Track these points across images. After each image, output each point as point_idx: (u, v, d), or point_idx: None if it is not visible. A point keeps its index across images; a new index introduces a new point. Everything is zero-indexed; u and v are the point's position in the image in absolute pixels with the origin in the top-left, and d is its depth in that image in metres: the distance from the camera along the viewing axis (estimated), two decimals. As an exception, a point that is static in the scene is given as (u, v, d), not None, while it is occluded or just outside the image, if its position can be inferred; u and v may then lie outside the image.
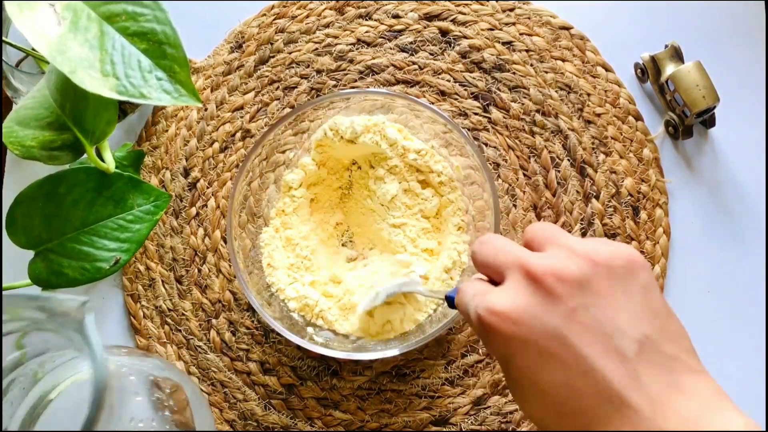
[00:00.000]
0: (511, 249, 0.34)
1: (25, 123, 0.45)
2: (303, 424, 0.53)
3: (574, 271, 0.31)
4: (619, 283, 0.31)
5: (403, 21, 0.59)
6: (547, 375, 0.31)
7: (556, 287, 0.31)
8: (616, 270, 0.31)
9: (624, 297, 0.31)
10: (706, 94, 0.53)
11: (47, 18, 0.39)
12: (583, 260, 0.31)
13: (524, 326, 0.31)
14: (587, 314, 0.30)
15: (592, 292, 0.31)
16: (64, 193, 0.46)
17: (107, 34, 0.40)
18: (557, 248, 0.33)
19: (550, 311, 0.31)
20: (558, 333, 0.30)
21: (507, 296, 0.32)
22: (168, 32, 0.41)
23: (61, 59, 0.39)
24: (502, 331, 0.31)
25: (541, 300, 0.31)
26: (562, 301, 0.31)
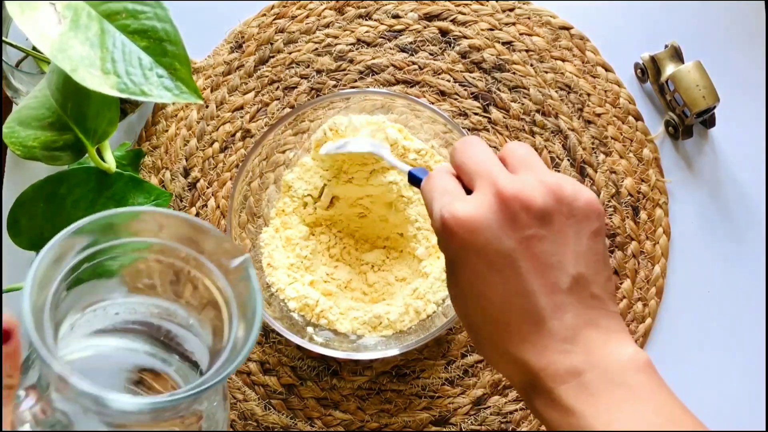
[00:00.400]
0: (487, 161, 0.36)
1: (27, 123, 0.45)
2: (303, 424, 0.53)
3: (538, 203, 0.34)
4: (573, 222, 0.34)
5: (403, 21, 0.59)
6: (489, 286, 0.34)
7: (519, 213, 0.34)
8: (574, 210, 0.34)
9: (574, 237, 0.34)
10: (706, 94, 0.53)
11: (48, 17, 0.39)
12: (549, 194, 0.34)
13: (481, 238, 0.34)
14: (539, 244, 0.34)
15: (549, 225, 0.34)
16: (65, 193, 0.46)
17: (108, 32, 0.40)
18: (529, 174, 0.35)
19: (507, 232, 0.34)
20: (509, 253, 0.33)
21: (473, 206, 0.34)
22: (169, 30, 0.41)
23: (62, 57, 0.39)
24: (459, 237, 0.34)
25: (502, 220, 0.34)
26: (521, 227, 0.34)
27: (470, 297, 0.35)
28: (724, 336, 0.55)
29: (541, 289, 0.33)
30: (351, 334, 0.51)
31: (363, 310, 0.51)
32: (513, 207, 0.34)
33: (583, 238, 0.34)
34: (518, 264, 0.33)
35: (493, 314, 0.34)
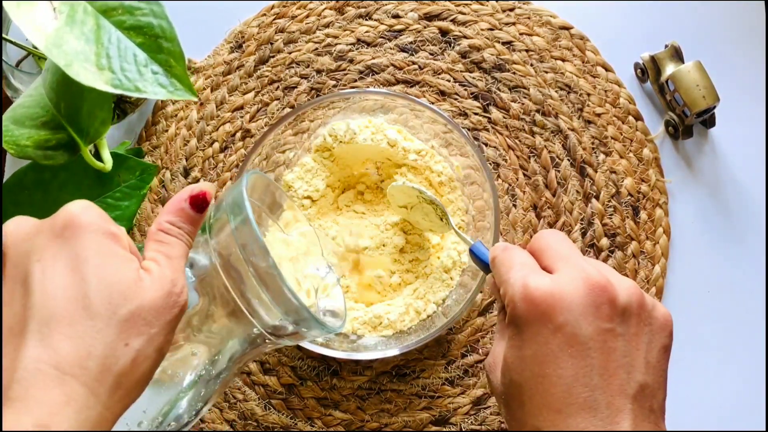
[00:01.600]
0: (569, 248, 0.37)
1: (21, 122, 0.45)
2: (303, 424, 0.53)
3: (623, 298, 0.34)
4: (648, 331, 0.35)
5: (403, 21, 0.59)
6: (556, 367, 0.33)
7: (603, 303, 0.33)
8: (652, 319, 0.35)
9: (647, 345, 0.34)
10: (706, 94, 0.53)
11: (44, 12, 0.39)
12: (633, 295, 0.34)
13: (562, 317, 0.33)
14: (615, 341, 0.33)
15: (628, 326, 0.34)
16: (49, 178, 0.46)
17: (103, 28, 0.40)
18: (612, 272, 0.35)
19: (588, 318, 0.33)
20: (586, 341, 0.33)
21: (558, 282, 0.34)
22: (164, 26, 0.41)
23: (56, 52, 0.38)
24: (541, 309, 0.34)
25: (586, 305, 0.33)
26: (602, 318, 0.33)
27: (531, 373, 0.34)
28: (723, 336, 0.55)
29: (607, 387, 0.33)
30: (351, 334, 0.51)
31: (363, 310, 0.51)
32: (599, 295, 0.33)
33: (655, 349, 0.35)
34: (591, 355, 0.33)
35: (551, 398, 0.33)
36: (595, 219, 0.55)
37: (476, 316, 0.54)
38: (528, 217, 0.56)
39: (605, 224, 0.55)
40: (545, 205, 0.56)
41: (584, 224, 0.55)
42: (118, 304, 0.29)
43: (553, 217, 0.56)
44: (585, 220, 0.55)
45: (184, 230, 0.33)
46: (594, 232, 0.55)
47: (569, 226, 0.55)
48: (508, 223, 0.55)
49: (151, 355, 0.29)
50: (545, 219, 0.56)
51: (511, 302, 0.35)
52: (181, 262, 0.32)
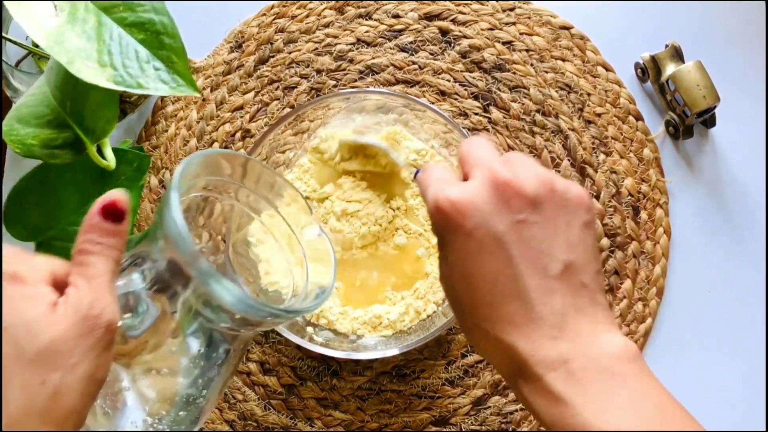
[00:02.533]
0: (487, 153, 0.37)
1: (26, 121, 0.45)
2: (303, 424, 0.53)
3: (531, 189, 0.34)
4: (564, 212, 0.35)
5: (403, 21, 0.59)
6: (478, 266, 0.34)
7: (511, 198, 0.34)
8: (566, 201, 0.35)
9: (565, 226, 0.35)
10: (707, 93, 0.53)
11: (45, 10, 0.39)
12: (542, 183, 0.35)
13: (473, 220, 0.34)
14: (530, 230, 0.34)
15: (541, 213, 0.34)
16: (55, 179, 0.46)
17: (105, 25, 0.40)
18: (524, 167, 0.36)
19: (499, 216, 0.34)
20: (500, 236, 0.34)
21: (465, 190, 0.35)
22: (166, 22, 0.41)
23: (58, 50, 0.38)
24: (452, 219, 0.35)
25: (495, 203, 0.34)
26: (513, 211, 0.34)
27: (459, 278, 0.36)
28: (724, 336, 0.54)
29: (531, 273, 0.34)
30: (351, 334, 0.51)
31: (363, 309, 0.51)
32: (506, 191, 0.34)
33: (574, 228, 0.35)
34: (509, 247, 0.34)
35: (481, 295, 0.35)
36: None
37: (476, 316, 0.54)
38: (528, 217, 0.56)
39: (605, 224, 0.55)
40: (545, 205, 0.56)
41: (584, 224, 0.55)
42: (25, 345, 0.28)
43: (553, 217, 0.56)
44: (585, 220, 0.55)
45: (105, 245, 0.32)
46: (594, 232, 0.55)
47: (569, 226, 0.55)
48: (509, 223, 0.55)
49: (75, 387, 0.29)
50: (545, 219, 0.55)
51: (431, 218, 0.37)
52: (104, 280, 0.31)
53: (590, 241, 0.35)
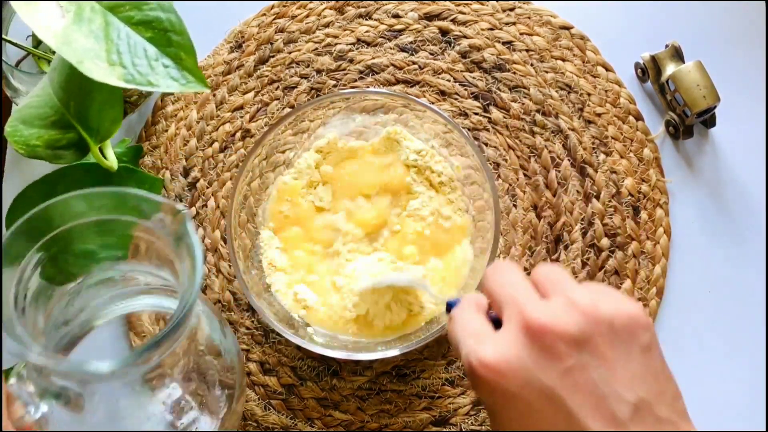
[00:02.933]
0: (517, 288, 0.33)
1: (30, 122, 0.45)
2: (303, 424, 0.53)
3: (573, 329, 0.30)
4: (619, 342, 0.31)
5: (403, 21, 0.59)
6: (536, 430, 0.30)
7: (553, 344, 0.30)
8: (617, 329, 0.31)
9: (623, 358, 0.31)
10: (707, 93, 0.53)
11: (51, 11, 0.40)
12: (583, 316, 0.31)
13: (515, 381, 0.30)
14: (583, 374, 0.30)
15: (591, 351, 0.30)
16: (62, 191, 0.46)
17: (112, 24, 0.40)
18: (560, 299, 0.32)
19: (544, 368, 0.30)
20: (551, 391, 0.30)
21: (500, 347, 0.31)
22: (173, 20, 0.41)
23: (67, 50, 0.39)
24: (492, 384, 0.31)
25: (536, 356, 0.30)
26: (559, 359, 0.30)
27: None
28: (724, 336, 0.55)
29: (599, 425, 0.29)
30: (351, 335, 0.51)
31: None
32: (545, 338, 0.30)
33: (635, 356, 0.31)
34: (563, 401, 0.30)
35: None
36: (596, 219, 0.55)
37: (476, 316, 0.54)
38: (528, 217, 0.56)
39: (606, 224, 0.55)
40: (545, 205, 0.56)
41: (584, 224, 0.55)
42: None
43: (553, 217, 0.55)
44: (585, 220, 0.55)
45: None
46: (594, 232, 0.55)
47: (569, 226, 0.55)
48: (508, 223, 0.55)
49: None
50: (545, 219, 0.55)
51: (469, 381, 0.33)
52: None
53: (657, 365, 0.32)
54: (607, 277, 0.55)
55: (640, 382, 0.31)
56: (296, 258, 0.52)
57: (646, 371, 0.31)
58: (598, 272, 0.55)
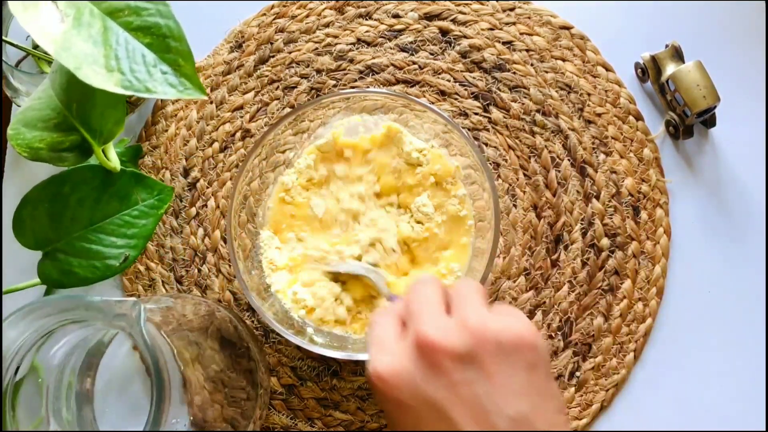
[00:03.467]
0: (423, 303, 0.35)
1: (32, 124, 0.45)
2: (303, 424, 0.53)
3: (459, 347, 0.32)
4: (504, 359, 0.33)
5: (403, 21, 0.59)
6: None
7: (440, 360, 0.32)
8: (503, 346, 0.33)
9: (507, 374, 0.32)
10: (707, 93, 0.53)
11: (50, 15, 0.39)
12: (471, 335, 0.33)
13: (404, 392, 0.32)
14: (468, 389, 0.32)
15: (477, 367, 0.32)
16: (69, 192, 0.46)
17: (111, 30, 0.40)
18: (456, 317, 0.34)
19: (430, 382, 0.32)
20: (436, 403, 0.32)
21: (394, 359, 0.33)
22: (171, 26, 0.41)
23: (65, 56, 0.38)
24: (383, 392, 0.33)
25: (424, 370, 0.32)
26: (445, 374, 0.32)
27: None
28: (724, 336, 0.55)
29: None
30: (351, 335, 0.51)
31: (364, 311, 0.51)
32: (433, 354, 0.32)
33: (519, 373, 0.33)
34: (448, 414, 0.32)
35: None
36: (596, 219, 0.55)
37: (476, 316, 0.54)
38: (528, 217, 0.56)
39: (606, 224, 0.55)
40: (545, 205, 0.56)
41: (584, 224, 0.55)
42: None
43: (553, 217, 0.55)
44: (585, 220, 0.55)
45: None
46: (594, 232, 0.55)
47: (569, 226, 0.55)
48: (508, 223, 0.55)
49: None
50: (545, 219, 0.55)
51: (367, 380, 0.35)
52: None
53: (542, 383, 0.33)
54: (607, 277, 0.55)
55: (522, 398, 0.32)
56: (296, 258, 0.52)
57: (529, 388, 0.32)
58: (598, 272, 0.55)
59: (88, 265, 0.46)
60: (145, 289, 0.56)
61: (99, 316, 0.34)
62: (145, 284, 0.56)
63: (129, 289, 0.56)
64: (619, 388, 0.53)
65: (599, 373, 0.53)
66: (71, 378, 0.39)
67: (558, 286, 0.55)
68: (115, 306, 0.33)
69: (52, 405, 0.37)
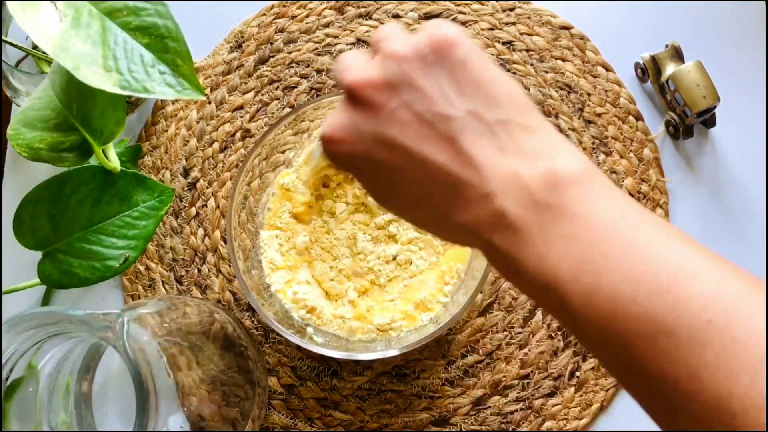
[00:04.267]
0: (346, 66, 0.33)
1: (32, 125, 0.45)
2: (303, 424, 0.53)
3: (379, 75, 0.31)
4: (432, 69, 0.31)
5: (403, 21, 0.59)
6: (390, 180, 0.32)
7: (371, 96, 0.31)
8: (426, 57, 0.31)
9: (442, 80, 0.31)
10: (707, 93, 0.53)
11: (49, 15, 0.39)
12: (392, 60, 0.31)
13: (352, 143, 0.32)
14: (407, 110, 0.31)
15: (408, 87, 0.31)
16: (69, 193, 0.46)
17: (109, 30, 0.40)
18: (378, 53, 0.32)
19: (370, 121, 0.31)
20: (383, 138, 0.31)
21: (335, 118, 0.33)
22: (170, 26, 0.41)
23: (64, 56, 0.38)
24: (336, 153, 0.32)
25: (360, 113, 0.31)
26: (380, 107, 0.31)
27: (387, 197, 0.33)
28: (724, 336, 0.54)
29: (434, 150, 0.30)
30: (351, 335, 0.51)
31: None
32: (363, 94, 0.31)
33: (451, 75, 0.31)
34: (396, 141, 0.30)
35: (415, 201, 0.32)
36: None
37: (476, 316, 0.54)
38: (528, 217, 0.56)
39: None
40: (545, 205, 0.56)
41: (584, 224, 0.55)
42: None
43: (553, 217, 0.55)
44: (585, 220, 0.55)
45: None
46: (594, 232, 0.55)
47: (569, 226, 0.55)
48: (509, 223, 0.55)
49: None
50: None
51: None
52: None
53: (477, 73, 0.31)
54: (607, 277, 0.55)
55: (461, 97, 0.30)
56: (296, 258, 0.52)
57: (465, 84, 0.31)
58: (598, 272, 0.55)
59: (88, 265, 0.46)
60: (145, 289, 0.56)
61: (83, 329, 0.34)
62: (145, 284, 0.56)
63: (129, 289, 0.56)
64: (619, 388, 0.53)
65: (599, 373, 0.53)
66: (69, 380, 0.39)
67: (558, 286, 0.55)
68: (99, 318, 0.34)
69: (46, 411, 0.38)
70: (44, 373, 0.38)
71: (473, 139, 0.30)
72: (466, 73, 0.31)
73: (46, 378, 0.38)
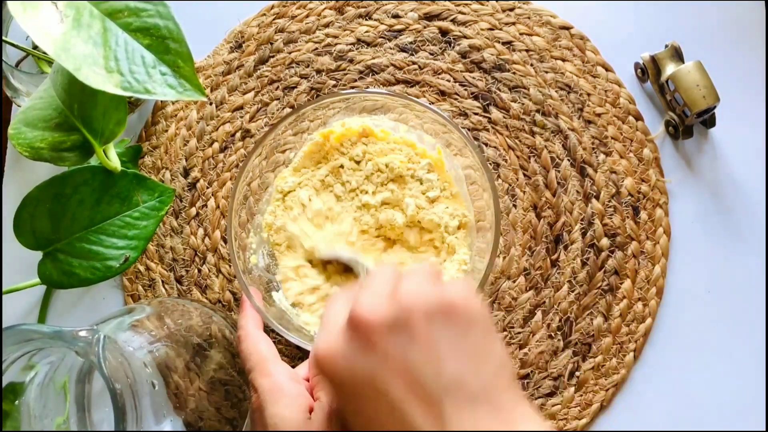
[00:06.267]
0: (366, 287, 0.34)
1: (33, 124, 0.45)
2: (303, 424, 0.53)
3: (384, 317, 0.32)
4: (436, 327, 0.32)
5: (403, 21, 0.59)
6: (364, 416, 0.32)
7: (369, 334, 0.32)
8: (433, 314, 0.32)
9: (441, 341, 0.32)
10: (707, 93, 0.53)
11: (50, 16, 0.39)
12: (398, 305, 0.32)
13: (341, 371, 0.32)
14: (401, 359, 0.32)
15: (407, 336, 0.32)
16: (70, 193, 0.46)
17: (110, 31, 0.40)
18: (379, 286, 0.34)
19: (363, 357, 0.32)
20: (371, 378, 0.32)
21: (330, 341, 0.33)
22: (171, 27, 0.41)
23: (65, 56, 0.38)
24: (325, 373, 0.33)
25: (356, 346, 0.32)
26: (376, 347, 0.32)
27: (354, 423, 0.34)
28: (724, 336, 0.55)
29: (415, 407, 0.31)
30: None
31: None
32: (363, 330, 0.32)
33: (452, 338, 0.32)
34: (382, 386, 0.31)
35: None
36: (596, 219, 0.55)
37: (476, 316, 0.54)
38: (528, 217, 0.56)
39: (605, 224, 0.55)
40: (545, 205, 0.56)
41: (584, 224, 0.55)
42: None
43: (553, 217, 0.56)
44: (585, 220, 0.55)
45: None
46: (594, 232, 0.55)
47: (569, 226, 0.55)
48: (508, 223, 0.55)
49: None
50: (545, 219, 0.55)
51: None
52: None
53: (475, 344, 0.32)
54: (607, 277, 0.55)
55: (454, 363, 0.32)
56: (296, 257, 0.52)
57: (461, 352, 0.32)
58: (597, 272, 0.55)
59: (88, 265, 0.46)
60: (145, 289, 0.56)
61: (60, 344, 0.34)
62: (145, 284, 0.56)
63: (129, 289, 0.56)
64: (618, 388, 0.53)
65: (599, 373, 0.53)
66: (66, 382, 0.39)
67: (558, 286, 0.55)
68: (74, 334, 0.34)
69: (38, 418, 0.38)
70: (33, 384, 0.38)
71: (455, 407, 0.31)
72: (467, 341, 0.32)
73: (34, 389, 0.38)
